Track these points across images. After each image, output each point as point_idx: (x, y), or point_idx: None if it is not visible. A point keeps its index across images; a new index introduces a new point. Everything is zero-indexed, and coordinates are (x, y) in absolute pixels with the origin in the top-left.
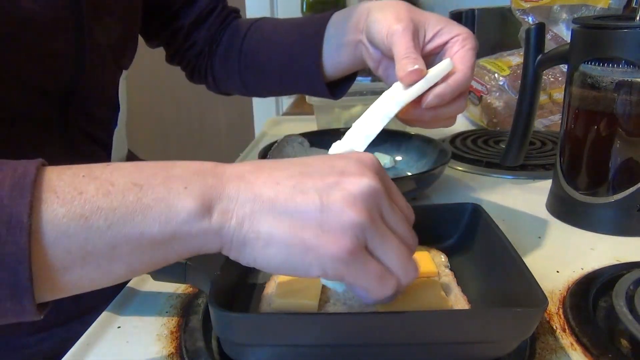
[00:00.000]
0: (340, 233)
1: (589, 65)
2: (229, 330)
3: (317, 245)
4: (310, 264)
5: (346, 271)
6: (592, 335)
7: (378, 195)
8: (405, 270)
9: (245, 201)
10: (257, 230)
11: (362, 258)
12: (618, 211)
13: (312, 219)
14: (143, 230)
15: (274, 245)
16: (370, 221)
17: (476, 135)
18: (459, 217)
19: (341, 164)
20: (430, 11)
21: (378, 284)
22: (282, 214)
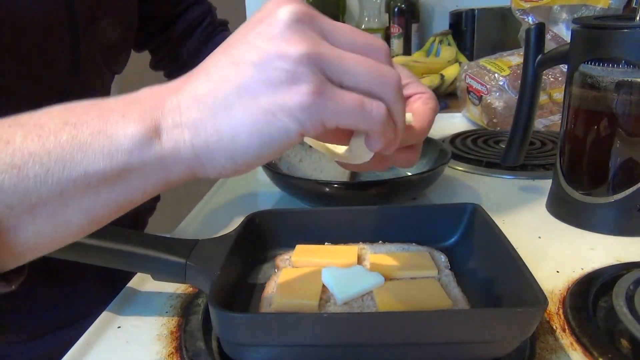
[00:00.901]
0: (293, 79)
1: (589, 65)
2: (229, 330)
3: (279, 104)
4: (286, 127)
5: (323, 114)
6: (592, 335)
7: (308, 17)
8: (383, 83)
9: (188, 108)
10: (215, 129)
11: (330, 93)
12: (618, 211)
13: (258, 83)
14: (87, 168)
15: (240, 133)
16: (315, 48)
17: (476, 135)
18: (459, 217)
19: (256, 16)
20: (430, 12)
21: (363, 113)
22: (228, 100)
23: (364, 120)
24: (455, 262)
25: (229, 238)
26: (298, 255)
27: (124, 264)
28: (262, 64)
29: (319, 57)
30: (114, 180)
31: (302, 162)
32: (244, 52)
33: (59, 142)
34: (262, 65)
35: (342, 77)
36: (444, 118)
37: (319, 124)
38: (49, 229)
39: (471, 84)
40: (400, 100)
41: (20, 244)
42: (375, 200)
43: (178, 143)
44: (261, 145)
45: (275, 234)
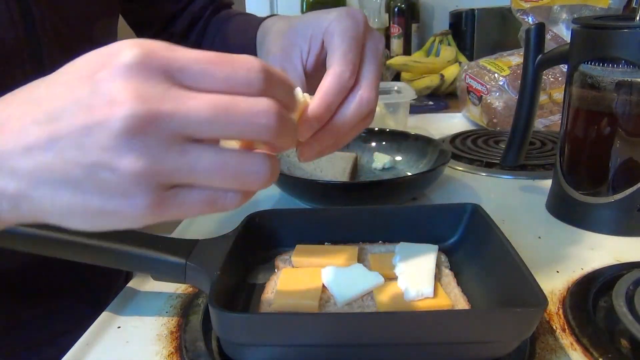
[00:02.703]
0: (123, 193)
1: (589, 65)
2: (229, 330)
3: (110, 210)
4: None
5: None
6: (592, 335)
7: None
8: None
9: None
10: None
11: (172, 200)
12: (618, 211)
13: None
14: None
15: (69, 217)
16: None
17: (476, 135)
18: (459, 217)
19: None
20: (430, 12)
21: (213, 208)
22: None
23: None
24: (455, 262)
25: (229, 238)
26: (298, 255)
27: (124, 264)
28: (89, 169)
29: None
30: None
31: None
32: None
33: None
34: (89, 170)
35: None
36: (444, 118)
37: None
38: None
39: (471, 84)
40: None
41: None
42: (375, 200)
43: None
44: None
45: (275, 234)
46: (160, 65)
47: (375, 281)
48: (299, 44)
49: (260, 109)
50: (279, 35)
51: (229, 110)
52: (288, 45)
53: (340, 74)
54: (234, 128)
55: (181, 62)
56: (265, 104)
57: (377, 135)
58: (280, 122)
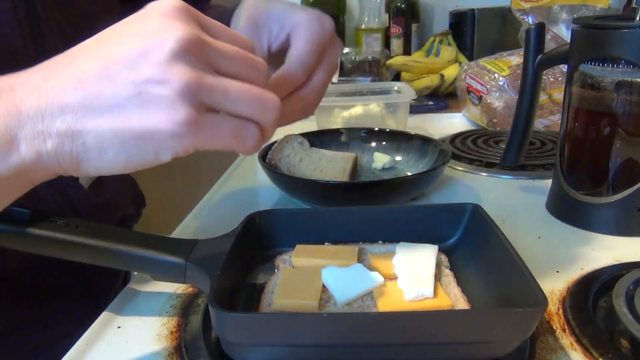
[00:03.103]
0: (168, 106)
1: (589, 65)
2: (229, 330)
3: (150, 129)
4: (156, 152)
5: (196, 141)
6: (592, 335)
7: (195, 45)
8: (262, 110)
9: (53, 116)
10: (82, 143)
11: (206, 122)
12: (618, 211)
13: (133, 103)
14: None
15: (108, 149)
16: (197, 79)
17: (476, 135)
18: (459, 217)
19: (139, 27)
20: (430, 12)
21: (237, 140)
22: (100, 114)
23: (237, 146)
24: (455, 262)
25: (229, 238)
26: (298, 255)
27: (124, 264)
28: (141, 86)
29: (201, 88)
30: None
31: (302, 162)
32: (124, 67)
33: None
34: (141, 87)
35: (222, 105)
36: (444, 118)
37: (191, 149)
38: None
39: (471, 84)
40: (276, 122)
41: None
42: (375, 200)
43: (40, 153)
44: (128, 164)
45: (275, 234)
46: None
47: (375, 281)
48: (268, 27)
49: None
50: (252, 11)
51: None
52: (260, 24)
53: (294, 74)
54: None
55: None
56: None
57: (377, 135)
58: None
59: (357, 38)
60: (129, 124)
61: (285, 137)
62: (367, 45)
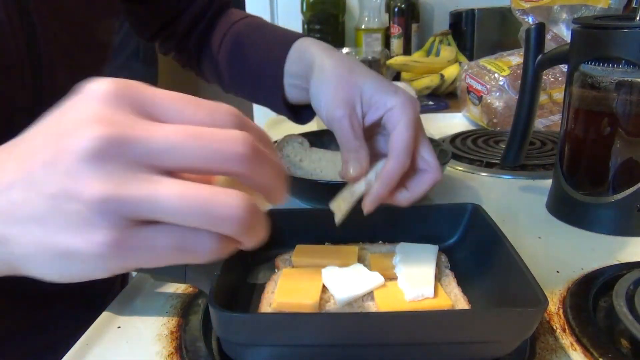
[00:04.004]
0: (85, 225)
1: (589, 65)
2: (229, 330)
3: (72, 249)
4: (87, 270)
5: (128, 263)
6: (592, 335)
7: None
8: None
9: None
10: (10, 252)
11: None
12: (618, 211)
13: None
14: None
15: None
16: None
17: (476, 135)
18: (459, 217)
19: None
20: (430, 12)
21: (184, 254)
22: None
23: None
24: (455, 262)
25: None
26: (298, 255)
27: None
28: (54, 199)
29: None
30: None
31: (302, 162)
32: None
33: None
34: (54, 200)
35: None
36: (444, 118)
37: (130, 268)
38: None
39: (471, 84)
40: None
41: None
42: None
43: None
44: (65, 278)
45: (275, 234)
46: (132, 95)
47: (375, 281)
48: (360, 103)
49: (233, 136)
50: (340, 83)
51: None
52: (353, 100)
53: (403, 163)
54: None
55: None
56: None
57: None
58: (254, 152)
59: (357, 38)
60: (52, 240)
61: (285, 137)
62: (367, 45)
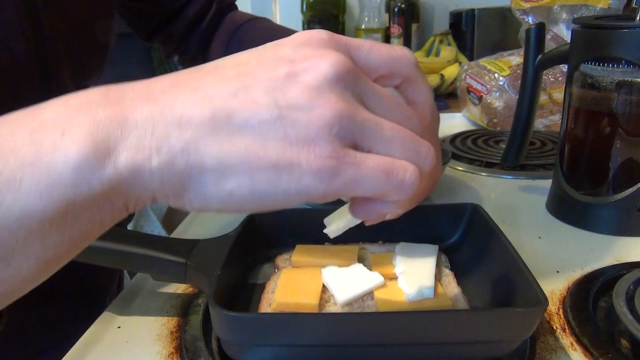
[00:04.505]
0: (313, 138)
1: (589, 65)
2: (229, 330)
3: (289, 161)
4: (288, 189)
5: (337, 183)
6: (592, 335)
7: (350, 75)
8: (417, 155)
9: (166, 129)
10: (199, 162)
11: (350, 159)
12: (618, 211)
13: (272, 130)
14: (22, 211)
15: (231, 175)
16: (350, 111)
17: (476, 135)
18: (459, 217)
19: (286, 51)
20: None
21: (389, 179)
22: (231, 134)
23: (391, 187)
24: (455, 262)
25: (229, 238)
26: (298, 255)
27: (124, 264)
28: (285, 110)
29: (350, 121)
30: (60, 220)
31: None
32: (266, 87)
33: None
34: (284, 111)
35: (373, 145)
36: (444, 118)
37: (332, 195)
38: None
39: (471, 84)
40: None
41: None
42: None
43: (141, 170)
44: (248, 198)
45: (275, 234)
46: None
47: (375, 281)
48: None
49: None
50: None
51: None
52: None
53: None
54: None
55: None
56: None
57: None
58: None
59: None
60: (263, 150)
61: None
62: None
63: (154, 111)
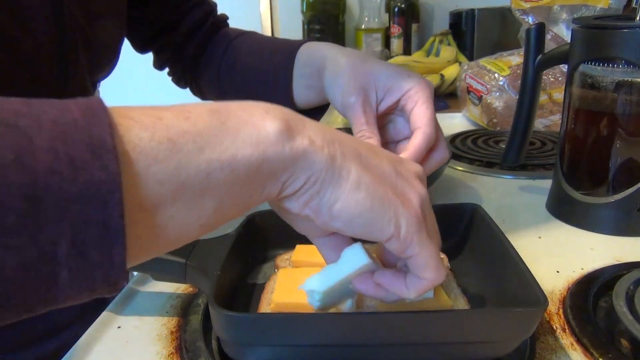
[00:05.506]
0: (411, 198)
1: (589, 65)
2: (229, 330)
3: (396, 202)
4: (389, 219)
5: (417, 236)
6: (592, 335)
7: (428, 200)
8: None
9: (331, 140)
10: (349, 169)
11: (425, 229)
12: (618, 211)
13: (389, 177)
14: (235, 152)
15: (362, 189)
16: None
17: (476, 135)
18: (459, 217)
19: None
20: (430, 12)
21: (437, 261)
22: (366, 166)
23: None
24: (455, 262)
25: (229, 238)
26: (298, 255)
27: None
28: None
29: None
30: (253, 171)
31: None
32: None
33: (209, 125)
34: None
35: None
36: (444, 118)
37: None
38: (182, 216)
39: (471, 84)
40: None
41: (153, 229)
42: None
43: (311, 151)
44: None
45: (275, 234)
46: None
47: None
48: (374, 89)
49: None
50: (354, 72)
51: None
52: (366, 87)
53: (430, 135)
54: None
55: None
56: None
57: None
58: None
59: (357, 38)
60: (383, 186)
61: None
62: (367, 45)
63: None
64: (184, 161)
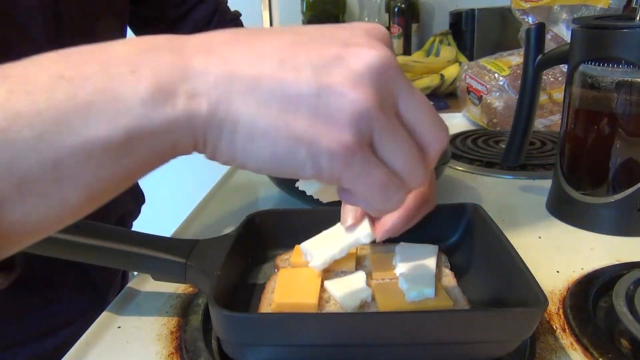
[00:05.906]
0: (341, 123)
1: (589, 65)
2: (229, 330)
3: (311, 138)
4: (303, 162)
5: (344, 173)
6: (592, 335)
7: (392, 70)
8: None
9: (218, 80)
10: (235, 119)
11: (364, 158)
12: (618, 211)
13: (306, 104)
14: (87, 135)
15: (257, 137)
16: (378, 109)
17: (476, 135)
18: (459, 217)
19: (344, 33)
20: (430, 12)
21: (380, 194)
22: (268, 98)
23: (375, 200)
24: (455, 262)
25: (229, 238)
26: (297, 256)
27: (124, 264)
28: (324, 89)
29: (377, 119)
30: (116, 151)
31: None
32: (313, 62)
33: (53, 101)
34: (323, 90)
35: (384, 149)
36: (444, 118)
37: (334, 179)
38: (41, 210)
39: (471, 84)
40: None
41: (5, 227)
42: None
43: (193, 113)
44: (267, 162)
45: (275, 234)
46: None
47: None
48: None
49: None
50: None
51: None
52: None
53: (423, 195)
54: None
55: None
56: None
57: None
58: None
59: None
60: (292, 122)
61: None
62: None
63: (210, 62)
64: (20, 153)
